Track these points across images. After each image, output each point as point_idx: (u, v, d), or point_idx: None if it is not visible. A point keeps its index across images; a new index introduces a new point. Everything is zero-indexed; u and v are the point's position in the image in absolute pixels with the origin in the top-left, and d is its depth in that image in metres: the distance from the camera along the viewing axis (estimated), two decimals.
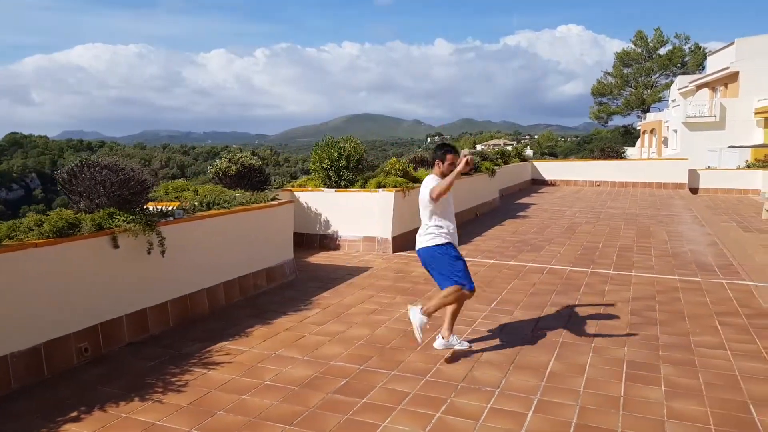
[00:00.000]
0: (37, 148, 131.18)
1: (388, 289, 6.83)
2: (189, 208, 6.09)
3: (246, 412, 3.78)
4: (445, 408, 3.83)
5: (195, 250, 5.85)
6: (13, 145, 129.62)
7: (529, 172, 22.18)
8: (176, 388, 4.15)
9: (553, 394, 4.04)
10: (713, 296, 6.51)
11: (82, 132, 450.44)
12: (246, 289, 6.54)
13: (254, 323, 5.59)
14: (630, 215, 13.40)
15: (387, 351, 4.86)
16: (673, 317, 5.74)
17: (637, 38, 47.70)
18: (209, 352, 4.87)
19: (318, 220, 9.27)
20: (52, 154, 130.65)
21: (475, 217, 13.09)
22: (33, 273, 4.30)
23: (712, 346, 4.93)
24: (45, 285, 4.39)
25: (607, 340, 5.10)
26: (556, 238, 10.37)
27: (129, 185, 5.12)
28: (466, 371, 4.43)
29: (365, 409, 3.82)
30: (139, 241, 5.07)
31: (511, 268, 7.93)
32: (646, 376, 4.34)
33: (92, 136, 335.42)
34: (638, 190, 19.93)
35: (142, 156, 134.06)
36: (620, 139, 55.63)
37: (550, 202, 16.44)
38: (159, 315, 5.40)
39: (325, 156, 9.11)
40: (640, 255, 8.82)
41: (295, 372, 4.43)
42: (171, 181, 7.66)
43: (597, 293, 6.64)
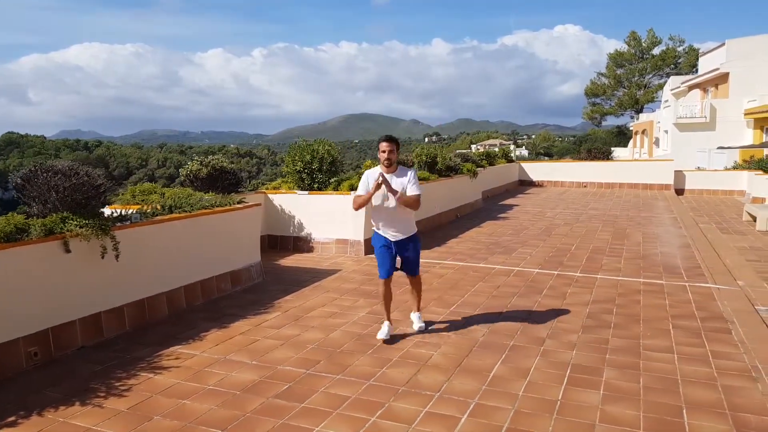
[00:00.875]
0: (34, 148, 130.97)
1: (352, 292, 6.86)
2: (149, 212, 6.12)
3: (182, 417, 3.81)
4: (381, 412, 3.87)
5: (153, 254, 5.88)
6: (10, 145, 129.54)
7: (516, 173, 22.23)
8: (119, 393, 4.19)
9: (492, 397, 4.08)
10: (673, 299, 6.56)
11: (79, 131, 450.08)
12: (209, 292, 6.57)
13: (210, 327, 5.63)
14: (610, 217, 13.46)
15: (336, 355, 4.90)
16: (628, 320, 5.78)
17: (631, 39, 47.80)
18: (159, 356, 4.90)
19: (292, 222, 9.30)
20: (49, 153, 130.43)
21: (456, 219, 13.14)
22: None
23: (659, 350, 4.98)
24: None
25: (557, 343, 5.15)
26: (531, 240, 10.42)
27: (82, 190, 5.15)
28: (411, 375, 4.47)
29: (302, 414, 3.85)
30: (91, 246, 5.10)
31: (478, 271, 7.97)
32: (587, 379, 4.38)
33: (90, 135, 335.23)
34: (624, 191, 19.99)
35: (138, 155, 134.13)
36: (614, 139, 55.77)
37: (533, 203, 16.49)
38: (114, 319, 5.43)
39: (298, 158, 9.15)
40: (610, 257, 8.87)
41: (240, 377, 4.46)
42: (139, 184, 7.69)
43: (558, 296, 6.68)
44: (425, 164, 12.01)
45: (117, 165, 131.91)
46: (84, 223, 5.00)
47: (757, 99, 29.17)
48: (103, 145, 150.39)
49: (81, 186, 5.15)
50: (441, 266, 8.27)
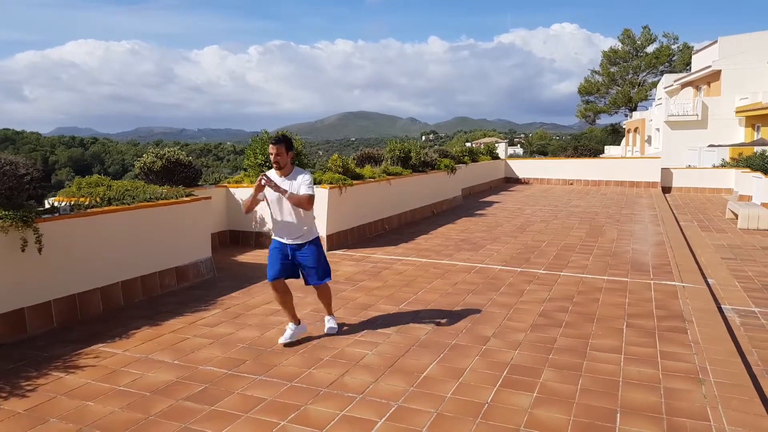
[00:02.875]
0: (29, 145, 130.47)
1: (301, 289, 6.54)
2: (84, 204, 5.86)
3: (80, 420, 3.56)
4: (294, 416, 3.62)
5: (86, 248, 5.62)
6: (5, 141, 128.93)
7: (502, 170, 22.00)
8: (22, 393, 3.94)
9: (417, 400, 3.84)
10: (634, 297, 6.32)
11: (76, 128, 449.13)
12: (151, 288, 6.32)
13: (142, 324, 5.38)
14: (589, 214, 13.22)
15: (265, 354, 4.65)
16: (582, 319, 5.55)
17: (625, 36, 47.53)
18: (78, 354, 4.65)
19: (253, 217, 9.05)
20: (44, 150, 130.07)
21: (432, 215, 12.89)
22: None
23: (607, 350, 4.74)
24: None
25: (501, 342, 4.91)
26: (503, 236, 10.18)
27: (3, 179, 4.90)
28: (338, 376, 4.23)
29: (209, 417, 3.61)
30: (11, 238, 4.85)
31: (439, 267, 7.72)
32: (523, 381, 4.14)
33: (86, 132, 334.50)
34: (610, 188, 19.77)
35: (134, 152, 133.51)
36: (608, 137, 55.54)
37: (514, 200, 16.25)
38: (40, 315, 5.18)
39: (260, 151, 8.89)
40: (579, 254, 8.63)
41: (156, 377, 4.21)
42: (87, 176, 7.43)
43: (515, 293, 6.44)
44: (398, 159, 11.76)
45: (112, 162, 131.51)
46: (3, 214, 4.75)
47: (749, 96, 28.98)
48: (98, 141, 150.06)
49: (1, 176, 4.89)
50: (402, 263, 8.02)
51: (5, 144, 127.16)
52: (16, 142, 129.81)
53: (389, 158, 11.69)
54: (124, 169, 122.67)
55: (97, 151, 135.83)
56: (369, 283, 6.86)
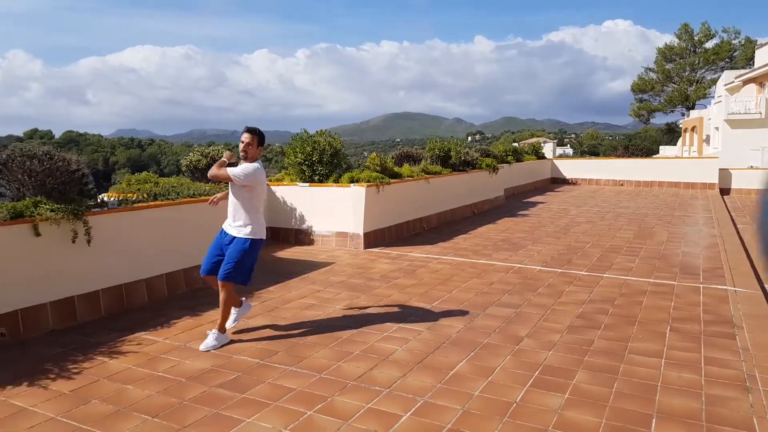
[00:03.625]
0: (91, 146, 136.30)
1: (337, 285, 6.69)
2: (132, 200, 6.11)
3: (119, 402, 3.72)
4: (321, 406, 3.68)
5: (132, 241, 5.85)
6: (69, 143, 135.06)
7: (548, 170, 21.60)
8: (68, 376, 4.14)
9: (443, 396, 3.83)
10: (680, 301, 6.10)
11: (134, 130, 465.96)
12: (193, 281, 6.51)
13: (183, 315, 5.56)
14: (638, 215, 12.83)
15: (297, 347, 4.74)
16: (622, 322, 5.40)
17: (682, 32, 45.78)
18: (122, 341, 4.85)
19: (293, 214, 9.20)
20: (105, 151, 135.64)
21: (472, 215, 12.79)
22: None
23: (647, 354, 4.60)
24: None
25: (534, 342, 4.84)
26: (545, 237, 10.00)
27: (56, 175, 5.16)
28: (366, 370, 4.27)
29: (239, 404, 3.71)
30: (63, 230, 5.10)
31: (476, 267, 7.66)
32: (554, 381, 4.07)
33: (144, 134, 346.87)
34: (663, 190, 19.12)
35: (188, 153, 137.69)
36: (664, 137, 53.68)
37: (559, 201, 15.93)
38: (89, 303, 5.43)
39: (299, 150, 9.04)
40: (624, 256, 8.40)
41: (192, 365, 4.36)
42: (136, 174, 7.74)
43: (553, 294, 6.33)
44: (438, 158, 11.72)
45: (167, 162, 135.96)
46: (56, 207, 5.00)
47: None
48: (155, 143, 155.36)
49: (55, 171, 5.16)
50: (438, 261, 8.00)
51: (70, 145, 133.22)
52: (79, 144, 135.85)
53: (429, 157, 11.66)
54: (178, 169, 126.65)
55: (154, 152, 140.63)
56: (403, 281, 6.88)
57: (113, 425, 3.43)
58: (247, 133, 4.72)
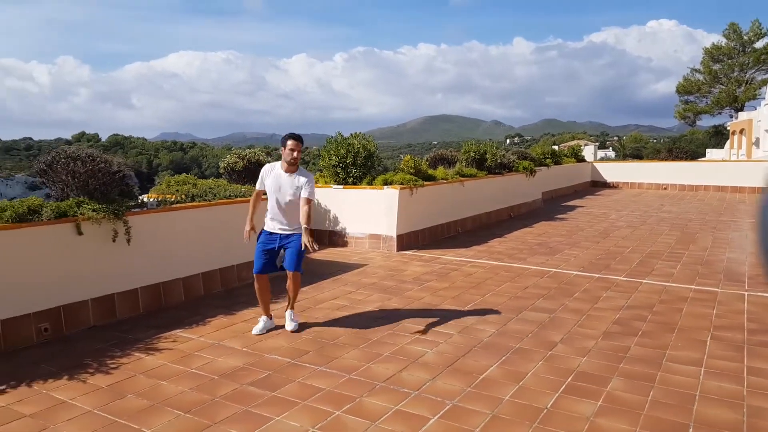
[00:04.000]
0: (136, 149, 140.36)
1: (369, 287, 6.71)
2: (170, 201, 6.26)
3: (153, 397, 3.82)
4: (349, 407, 3.69)
5: (170, 241, 6.00)
6: (115, 146, 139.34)
7: (588, 173, 21.17)
8: (106, 370, 4.27)
9: (472, 400, 3.80)
10: (723, 308, 5.90)
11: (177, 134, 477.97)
12: (228, 280, 6.63)
13: (218, 313, 5.67)
14: (682, 220, 12.46)
15: (328, 347, 4.77)
16: (660, 329, 5.25)
17: (730, 31, 44.28)
18: (159, 338, 4.97)
19: (327, 216, 9.27)
20: (149, 154, 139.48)
21: (509, 218, 12.64)
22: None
23: (686, 362, 4.46)
24: (2, 266, 4.64)
25: (568, 348, 4.75)
26: (583, 242, 9.81)
27: (98, 176, 5.33)
28: (395, 371, 4.26)
29: (268, 403, 3.75)
30: (104, 229, 5.26)
31: (511, 271, 7.57)
32: (587, 388, 3.99)
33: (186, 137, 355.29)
34: (708, 194, 18.51)
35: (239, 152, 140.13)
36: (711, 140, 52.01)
37: (599, 204, 15.60)
38: (128, 301, 5.59)
39: (333, 152, 9.10)
40: (666, 262, 8.16)
41: (225, 362, 4.43)
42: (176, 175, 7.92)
43: (589, 300, 6.20)
44: (473, 161, 11.62)
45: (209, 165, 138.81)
46: (97, 207, 5.17)
47: None
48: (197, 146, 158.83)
49: (97, 172, 5.33)
50: (472, 265, 7.93)
51: (115, 148, 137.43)
52: (124, 146, 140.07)
53: (464, 159, 11.58)
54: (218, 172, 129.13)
55: (195, 155, 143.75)
56: (436, 284, 6.85)
57: (146, 420, 3.52)
58: (293, 140, 4.86)
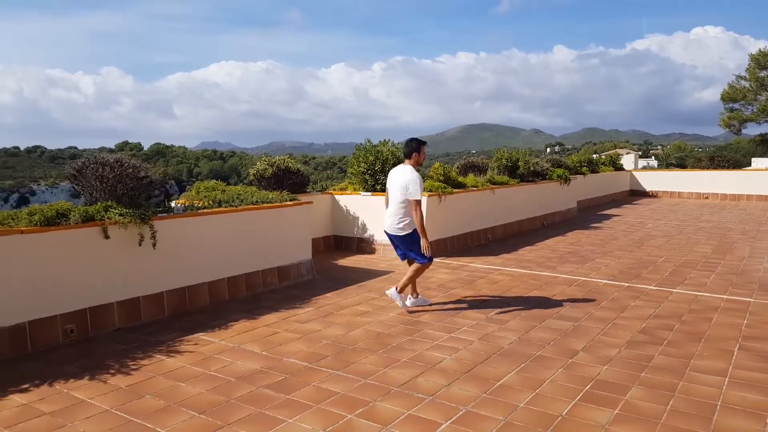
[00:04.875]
0: (177, 157, 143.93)
1: None
2: (197, 206, 6.40)
3: (170, 398, 3.89)
4: (362, 411, 3.69)
5: (196, 245, 6.12)
6: (157, 154, 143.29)
7: (627, 182, 20.73)
8: (127, 371, 4.37)
9: (487, 407, 3.75)
10: (754, 318, 5.68)
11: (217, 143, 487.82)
12: (253, 286, 6.72)
13: (241, 317, 5.74)
14: (720, 229, 12.07)
15: (346, 352, 4.78)
16: (687, 338, 5.09)
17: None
18: (181, 341, 5.07)
19: (356, 223, 9.32)
20: (189, 162, 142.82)
21: (542, 227, 12.46)
22: (19, 257, 4.74)
23: (710, 372, 4.31)
24: (31, 268, 4.81)
25: (590, 356, 4.64)
26: (616, 250, 9.59)
27: (125, 181, 5.49)
28: (411, 377, 4.24)
29: (282, 405, 3.78)
30: (131, 233, 5.42)
31: (538, 279, 7.45)
32: (605, 396, 3.89)
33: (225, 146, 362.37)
34: (751, 203, 17.88)
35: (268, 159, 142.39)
36: (758, 149, 50.23)
37: (636, 213, 15.24)
38: (153, 304, 5.72)
39: (362, 159, 9.16)
40: (699, 271, 7.92)
41: (243, 365, 4.49)
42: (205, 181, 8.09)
43: (617, 309, 6.05)
44: (505, 168, 11.51)
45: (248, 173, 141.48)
46: (124, 212, 5.32)
47: None
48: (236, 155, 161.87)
49: (124, 177, 5.49)
50: (499, 273, 7.84)
51: (157, 157, 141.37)
52: (166, 155, 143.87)
53: (495, 167, 11.49)
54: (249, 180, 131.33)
55: (234, 164, 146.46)
56: (460, 291, 6.80)
57: (161, 419, 3.59)
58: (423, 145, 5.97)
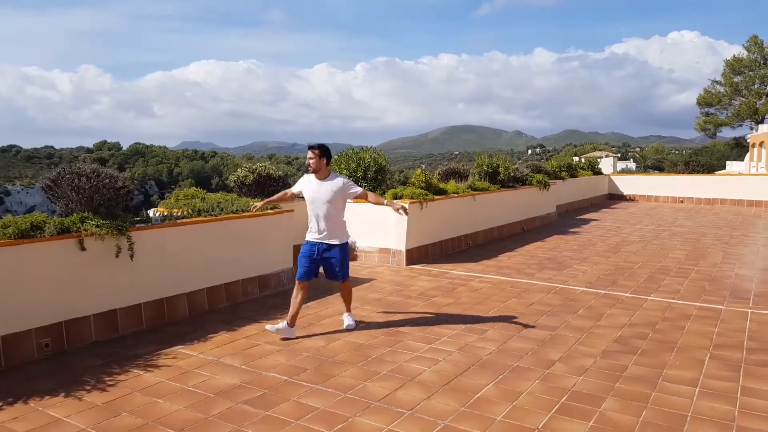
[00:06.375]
0: (157, 157, 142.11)
1: (374, 302, 6.73)
2: (177, 215, 6.36)
3: (147, 416, 3.87)
4: (341, 427, 3.71)
5: (174, 256, 6.08)
6: (136, 154, 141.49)
7: (605, 186, 21.01)
8: (104, 387, 4.33)
9: (465, 420, 3.79)
10: (725, 326, 5.82)
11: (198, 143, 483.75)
12: (234, 295, 6.70)
13: (220, 329, 5.72)
14: (695, 234, 12.30)
15: (327, 364, 4.79)
16: (660, 347, 5.20)
17: (751, 43, 43.74)
18: (159, 354, 5.03)
19: None
20: (170, 162, 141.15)
21: (522, 232, 12.58)
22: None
23: (681, 382, 4.41)
24: (4, 282, 4.74)
25: (566, 367, 4.72)
26: (593, 256, 9.73)
27: (102, 192, 5.44)
28: (391, 390, 4.27)
29: (262, 422, 3.78)
30: (107, 245, 5.36)
31: (517, 286, 7.53)
32: (580, 408, 3.96)
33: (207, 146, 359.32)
34: (725, 207, 18.24)
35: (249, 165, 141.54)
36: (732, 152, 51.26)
37: (614, 218, 15.46)
38: (131, 316, 5.67)
39: (344, 166, 9.17)
40: (673, 278, 8.07)
41: (222, 380, 4.47)
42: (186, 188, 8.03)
43: (592, 317, 6.15)
44: (486, 174, 11.61)
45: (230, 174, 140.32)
46: (101, 223, 5.27)
47: None
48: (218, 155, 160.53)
49: (101, 188, 5.44)
50: (479, 280, 7.91)
51: (136, 157, 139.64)
52: (145, 155, 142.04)
53: (476, 173, 11.58)
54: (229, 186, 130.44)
55: (216, 164, 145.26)
56: (441, 300, 6.85)
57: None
58: (309, 150, 5.47)
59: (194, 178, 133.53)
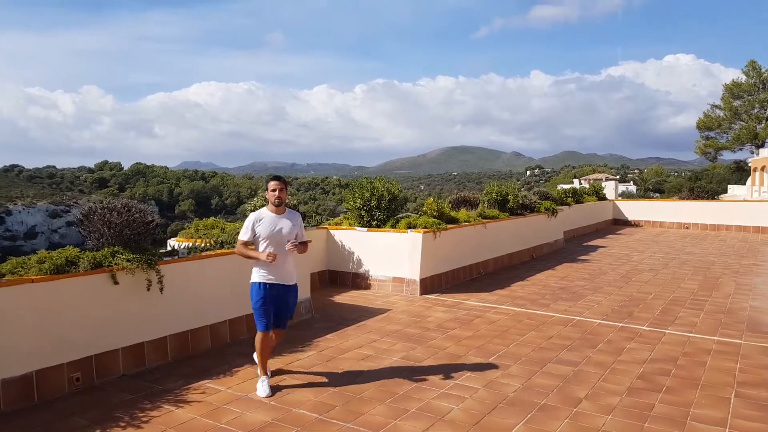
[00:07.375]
0: (157, 177, 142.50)
1: (393, 334, 6.77)
2: (200, 247, 6.43)
3: None
4: None
5: (198, 288, 6.15)
6: (137, 174, 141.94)
7: (610, 211, 21.13)
8: (138, 424, 4.37)
9: None
10: (747, 362, 5.86)
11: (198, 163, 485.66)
12: (254, 327, 6.70)
13: (244, 363, 5.76)
14: (704, 263, 12.37)
15: (354, 401, 4.83)
16: (685, 384, 5.24)
17: (750, 68, 44.28)
18: (188, 389, 5.07)
19: (351, 258, 9.39)
20: (170, 183, 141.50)
21: (531, 259, 12.65)
22: (29, 306, 4.73)
23: (709, 422, 4.45)
24: (40, 317, 4.81)
25: (593, 405, 4.75)
26: (606, 286, 9.78)
27: (132, 226, 5.52)
28: (422, 429, 4.31)
29: None
30: (137, 279, 5.43)
31: (534, 318, 7.58)
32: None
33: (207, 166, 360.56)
34: (731, 234, 18.34)
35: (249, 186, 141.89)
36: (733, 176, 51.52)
37: (622, 245, 15.53)
38: (157, 349, 5.71)
39: (358, 195, 9.28)
40: (689, 310, 8.12)
41: (254, 417, 4.51)
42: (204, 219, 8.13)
43: (613, 352, 6.19)
44: (495, 202, 11.72)
45: (229, 194, 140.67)
46: (132, 257, 5.35)
47: None
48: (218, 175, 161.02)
49: (132, 222, 5.52)
50: (495, 311, 7.96)
51: (137, 177, 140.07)
52: (146, 175, 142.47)
53: (486, 201, 11.68)
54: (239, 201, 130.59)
55: (216, 184, 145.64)
56: (460, 332, 6.89)
57: None
58: (275, 180, 5.01)
59: (194, 198, 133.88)
